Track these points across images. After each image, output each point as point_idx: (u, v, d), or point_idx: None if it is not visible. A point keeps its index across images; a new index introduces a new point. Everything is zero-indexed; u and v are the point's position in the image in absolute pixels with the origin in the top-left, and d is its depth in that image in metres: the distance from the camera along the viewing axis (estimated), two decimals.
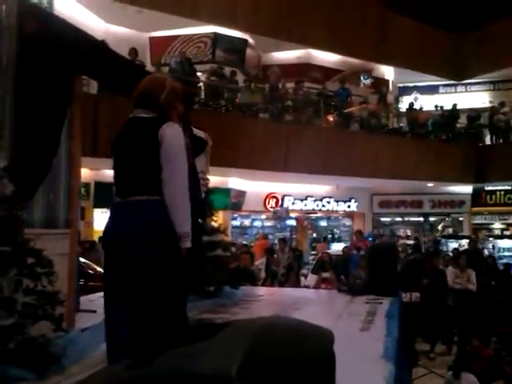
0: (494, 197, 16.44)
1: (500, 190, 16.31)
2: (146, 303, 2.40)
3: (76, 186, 4.20)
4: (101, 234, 2.77)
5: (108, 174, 3.26)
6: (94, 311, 4.15)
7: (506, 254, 15.58)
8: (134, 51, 11.14)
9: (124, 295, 2.47)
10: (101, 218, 12.30)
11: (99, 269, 7.32)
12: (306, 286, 9.29)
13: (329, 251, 11.97)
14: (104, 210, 11.98)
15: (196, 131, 3.36)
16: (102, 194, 11.33)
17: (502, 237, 16.66)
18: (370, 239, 14.84)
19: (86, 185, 11.41)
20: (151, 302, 2.39)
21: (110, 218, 2.61)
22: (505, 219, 17.04)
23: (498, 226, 17.20)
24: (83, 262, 7.46)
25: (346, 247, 11.41)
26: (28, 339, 2.87)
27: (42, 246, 3.14)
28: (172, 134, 2.48)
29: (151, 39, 14.96)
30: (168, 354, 1.04)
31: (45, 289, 3.04)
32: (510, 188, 16.16)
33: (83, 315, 4.15)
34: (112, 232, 2.55)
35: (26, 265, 3.00)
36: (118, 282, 2.50)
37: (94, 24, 13.14)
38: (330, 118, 14.45)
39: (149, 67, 12.21)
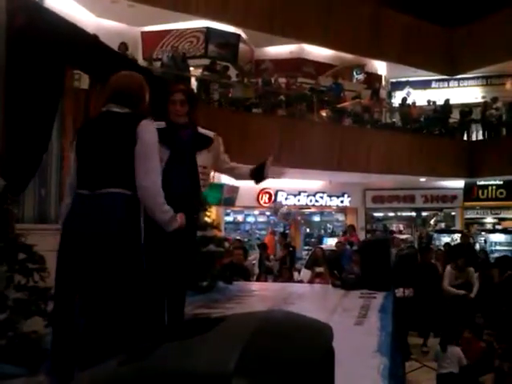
0: (485, 191, 16.54)
1: (492, 185, 16.40)
2: (109, 306, 2.36)
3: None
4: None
5: None
6: None
7: (498, 248, 15.68)
8: (124, 46, 11.06)
9: (83, 297, 2.42)
10: None
11: None
12: (300, 281, 9.30)
13: (322, 246, 12.00)
14: None
15: (203, 131, 3.39)
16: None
17: (493, 231, 16.77)
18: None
19: None
20: (116, 305, 2.36)
21: (75, 210, 2.48)
22: (496, 213, 17.15)
23: (489, 220, 17.32)
24: None
25: (339, 242, 11.44)
26: (20, 335, 2.84)
27: (34, 241, 3.11)
28: (148, 132, 2.49)
29: (143, 34, 14.86)
30: (161, 350, 1.02)
31: (36, 284, 3.01)
32: (501, 183, 16.26)
33: None
34: (81, 227, 2.42)
35: (17, 260, 2.97)
36: (80, 282, 2.44)
37: (85, 18, 13.01)
38: (323, 113, 14.45)
39: (140, 62, 12.14)
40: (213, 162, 3.43)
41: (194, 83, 12.68)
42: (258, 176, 3.64)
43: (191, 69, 13.00)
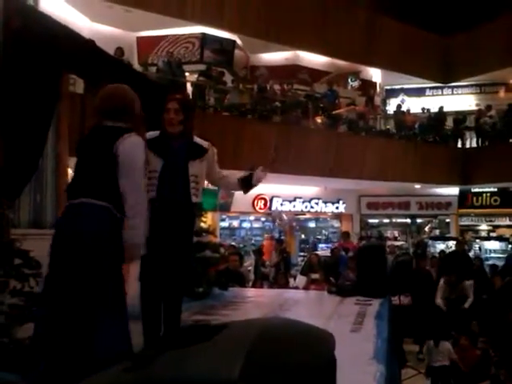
0: (480, 199, 16.61)
1: (486, 192, 16.48)
2: (72, 318, 2.38)
3: (63, 186, 4.13)
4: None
5: None
6: None
7: (493, 255, 15.73)
8: (119, 50, 11.06)
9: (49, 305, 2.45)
10: None
11: None
12: (295, 287, 9.28)
13: (317, 252, 12.00)
14: None
15: (199, 140, 3.40)
16: None
17: (488, 238, 16.83)
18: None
19: None
20: (77, 317, 2.39)
21: (60, 218, 2.63)
22: (491, 221, 17.23)
23: (484, 227, 17.38)
24: None
25: (335, 248, 11.42)
26: (14, 341, 2.81)
27: (29, 246, 3.09)
28: (129, 147, 2.52)
29: (138, 39, 14.87)
30: (166, 357, 1.01)
31: (32, 290, 2.99)
32: (496, 190, 16.34)
33: None
34: (62, 233, 2.53)
35: (12, 266, 2.94)
36: (56, 287, 2.47)
37: (80, 22, 12.99)
38: (318, 120, 14.49)
39: (136, 67, 12.13)
40: (206, 172, 3.43)
41: (189, 89, 12.70)
42: (246, 185, 3.62)
43: (187, 74, 13.01)
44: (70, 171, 6.38)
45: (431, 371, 6.94)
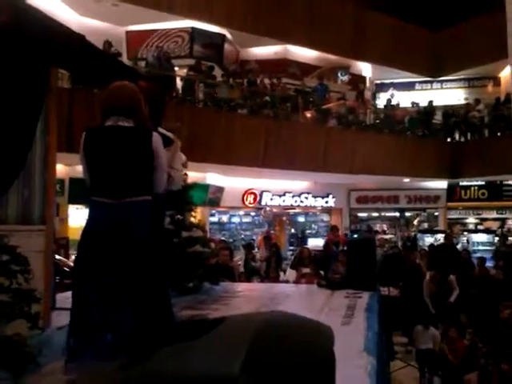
0: (468, 192, 16.75)
1: (474, 186, 16.62)
2: (147, 301, 2.58)
3: (52, 181, 4.09)
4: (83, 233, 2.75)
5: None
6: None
7: (480, 248, 15.89)
8: (108, 44, 10.97)
9: (121, 294, 2.57)
10: (76, 215, 12.12)
11: None
12: (286, 281, 9.31)
13: (308, 246, 12.03)
14: (79, 206, 11.80)
15: (164, 132, 3.37)
16: (76, 190, 11.15)
17: (476, 231, 16.99)
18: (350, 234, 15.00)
19: (61, 181, 11.21)
20: (152, 299, 2.60)
21: (101, 219, 2.65)
22: (479, 214, 17.39)
23: (472, 220, 17.55)
24: (58, 259, 7.33)
25: (328, 242, 11.42)
26: (3, 338, 2.78)
27: (17, 242, 3.05)
28: (160, 146, 2.81)
29: (127, 33, 14.76)
30: (164, 353, 1.00)
31: (20, 286, 2.95)
32: (483, 183, 16.49)
33: (59, 313, 4.06)
34: (112, 233, 2.59)
35: (0, 262, 2.91)
36: (110, 283, 2.56)
37: (68, 17, 12.86)
38: (308, 114, 14.49)
39: (125, 61, 12.04)
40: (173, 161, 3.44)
41: (179, 83, 12.64)
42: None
43: (176, 69, 12.94)
44: (58, 166, 6.33)
45: (419, 354, 7.42)
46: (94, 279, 2.60)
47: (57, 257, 6.56)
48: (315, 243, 14.70)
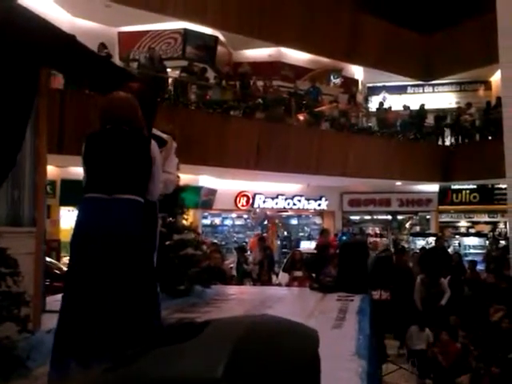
0: (459, 195, 16.83)
1: (465, 189, 16.71)
2: (130, 301, 2.55)
3: (42, 183, 4.06)
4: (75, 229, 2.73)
5: (75, 171, 3.23)
6: None
7: (472, 251, 15.97)
8: (102, 46, 10.93)
9: (104, 294, 2.54)
10: (67, 217, 12.04)
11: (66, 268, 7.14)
12: (278, 284, 9.30)
13: (300, 249, 12.02)
14: (71, 208, 11.73)
15: (158, 133, 3.34)
16: (68, 192, 11.08)
17: (467, 234, 17.07)
18: (344, 237, 15.04)
19: (52, 182, 11.14)
20: (135, 303, 2.56)
21: (92, 213, 2.65)
22: (470, 217, 17.48)
23: (463, 223, 17.63)
24: (49, 262, 7.27)
25: (322, 245, 11.38)
26: None
27: (6, 244, 3.02)
28: (158, 154, 2.90)
29: (120, 34, 14.71)
30: (148, 356, 0.99)
31: (9, 289, 2.93)
32: (475, 187, 16.57)
33: (49, 316, 4.03)
34: (102, 229, 2.59)
35: None
36: (98, 281, 2.54)
37: (60, 17, 12.80)
38: (301, 117, 14.51)
39: (117, 62, 11.99)
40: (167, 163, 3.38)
41: (171, 84, 12.61)
42: None
43: (168, 70, 12.91)
44: (50, 167, 6.29)
45: (412, 354, 7.50)
46: (84, 279, 2.58)
47: (48, 259, 6.51)
48: (308, 246, 14.69)
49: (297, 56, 16.71)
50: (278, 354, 0.98)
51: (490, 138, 15.15)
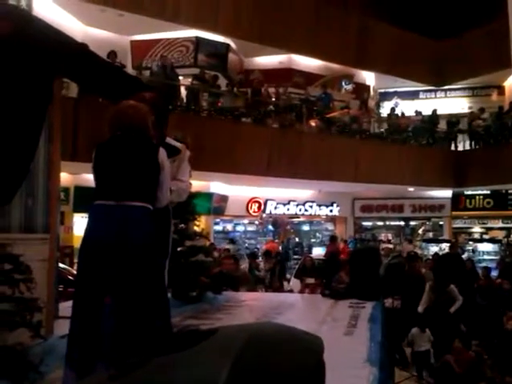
0: (473, 201, 16.67)
1: (479, 195, 16.54)
2: (138, 310, 2.56)
3: (55, 190, 4.11)
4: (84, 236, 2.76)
5: (88, 178, 3.24)
6: None
7: (486, 257, 15.78)
8: (113, 54, 11.04)
9: (112, 301, 2.56)
10: (81, 223, 12.14)
11: None
12: (290, 291, 9.28)
13: (311, 255, 11.98)
14: (84, 214, 11.83)
15: (172, 142, 3.35)
16: (81, 199, 11.18)
17: (481, 240, 16.88)
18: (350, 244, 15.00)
19: (66, 189, 11.25)
20: (144, 308, 2.58)
21: (101, 219, 2.68)
22: (484, 223, 17.29)
23: (477, 229, 17.44)
24: (62, 268, 7.33)
25: (333, 253, 11.34)
26: (5, 347, 2.78)
27: (20, 251, 3.06)
28: (167, 161, 2.88)
29: (132, 43, 14.85)
30: (152, 364, 1.01)
31: (23, 295, 2.96)
32: (488, 192, 16.41)
33: (62, 322, 4.06)
34: (109, 236, 2.61)
35: (2, 271, 2.92)
36: (106, 287, 2.56)
37: (73, 26, 12.98)
38: (313, 123, 14.51)
39: (130, 71, 12.11)
40: (181, 171, 3.34)
41: (183, 92, 12.69)
42: None
43: (180, 78, 13.00)
44: (63, 174, 6.35)
45: (416, 357, 7.45)
46: (92, 285, 2.60)
47: (61, 265, 6.56)
48: (319, 252, 14.64)
49: (308, 63, 16.73)
50: (281, 361, 0.99)
51: (503, 142, 15.02)
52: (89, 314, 2.56)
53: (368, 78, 18.45)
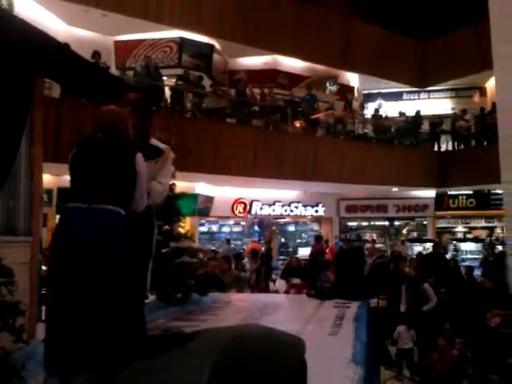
0: (456, 201, 16.87)
1: (462, 195, 16.74)
2: (107, 312, 2.55)
3: (37, 192, 4.05)
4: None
5: None
6: None
7: (469, 256, 15.98)
8: (97, 54, 10.95)
9: (80, 303, 2.54)
10: None
11: None
12: (276, 291, 9.28)
13: (297, 256, 12.01)
14: None
15: (156, 143, 3.30)
16: (64, 201, 11.05)
17: (464, 240, 17.09)
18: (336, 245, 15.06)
19: (49, 191, 11.12)
20: (112, 310, 2.56)
21: (70, 221, 2.68)
22: (467, 223, 17.51)
23: (460, 229, 17.65)
24: (45, 271, 7.23)
25: (318, 252, 11.41)
26: None
27: (2, 254, 3.01)
28: (143, 166, 2.87)
29: (116, 43, 14.75)
30: (132, 368, 0.99)
31: (4, 299, 2.91)
32: (471, 192, 16.61)
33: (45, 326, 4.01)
34: (79, 237, 2.59)
35: None
36: (74, 289, 2.55)
37: (56, 26, 12.86)
38: (297, 124, 14.55)
39: (113, 71, 12.03)
40: (163, 173, 3.28)
41: (167, 93, 12.64)
42: None
43: (164, 78, 12.95)
44: (46, 176, 6.27)
45: (400, 354, 7.60)
46: (61, 287, 2.60)
47: (44, 268, 6.49)
48: (305, 253, 14.68)
49: (292, 64, 16.78)
50: (263, 362, 0.99)
51: (485, 143, 15.21)
52: (59, 320, 2.54)
53: (352, 79, 18.56)
